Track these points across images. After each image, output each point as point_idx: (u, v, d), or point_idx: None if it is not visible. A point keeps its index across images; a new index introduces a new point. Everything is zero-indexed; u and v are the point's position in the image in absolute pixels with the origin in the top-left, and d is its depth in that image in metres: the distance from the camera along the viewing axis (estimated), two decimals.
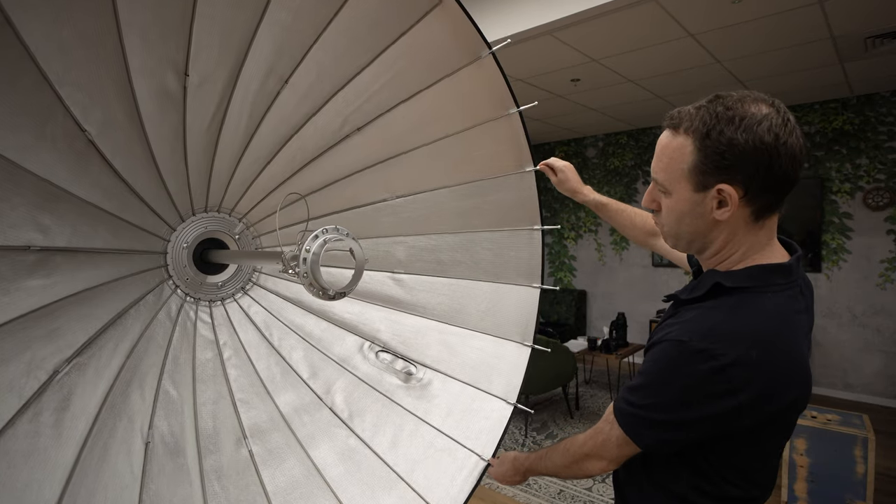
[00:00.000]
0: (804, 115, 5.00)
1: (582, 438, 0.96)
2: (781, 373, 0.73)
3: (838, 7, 2.98)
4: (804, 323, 0.81)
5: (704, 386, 0.73)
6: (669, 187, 0.81)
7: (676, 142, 0.78)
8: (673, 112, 0.81)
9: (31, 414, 0.85)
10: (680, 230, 0.83)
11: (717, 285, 0.79)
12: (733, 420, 0.74)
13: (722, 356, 0.71)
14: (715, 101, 0.76)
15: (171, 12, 0.92)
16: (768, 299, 0.76)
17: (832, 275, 4.89)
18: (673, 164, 0.79)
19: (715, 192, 0.76)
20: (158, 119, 1.00)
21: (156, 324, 1.11)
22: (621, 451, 0.87)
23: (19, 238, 0.85)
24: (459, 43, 1.24)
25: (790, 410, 0.77)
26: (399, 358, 1.43)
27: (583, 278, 6.78)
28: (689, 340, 0.74)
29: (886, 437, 3.81)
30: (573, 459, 0.96)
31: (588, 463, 0.93)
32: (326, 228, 0.92)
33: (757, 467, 0.82)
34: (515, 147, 1.41)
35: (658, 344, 0.80)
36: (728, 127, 0.73)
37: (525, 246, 1.50)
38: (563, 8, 3.09)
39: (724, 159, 0.73)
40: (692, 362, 0.73)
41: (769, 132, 0.72)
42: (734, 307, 0.76)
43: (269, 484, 1.14)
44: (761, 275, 0.78)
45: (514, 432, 4.04)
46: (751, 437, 0.77)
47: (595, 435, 0.92)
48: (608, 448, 0.88)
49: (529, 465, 1.13)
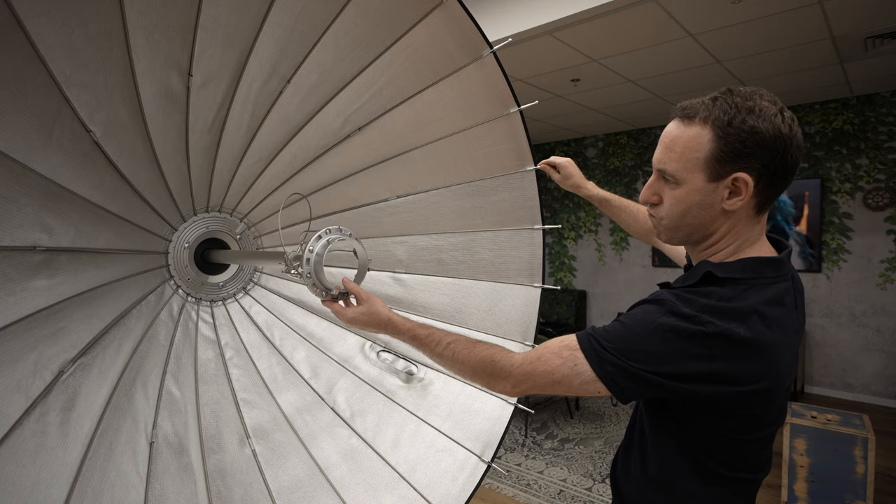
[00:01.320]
0: (804, 115, 5.01)
1: (519, 359, 0.89)
2: (756, 360, 0.75)
3: (838, 7, 2.98)
4: (790, 318, 0.81)
5: (686, 344, 0.74)
6: (681, 177, 0.81)
7: (692, 131, 0.79)
8: (684, 103, 0.82)
9: (37, 414, 0.86)
10: (684, 221, 0.84)
11: (709, 274, 0.80)
12: (697, 383, 0.74)
13: (710, 325, 0.74)
14: (729, 94, 0.78)
15: (176, 14, 0.93)
16: (758, 292, 0.78)
17: (832, 275, 4.89)
18: (688, 152, 0.80)
19: (730, 181, 0.78)
20: (162, 119, 1.01)
21: (158, 324, 1.11)
22: (557, 387, 0.83)
23: (26, 238, 0.86)
24: (460, 43, 1.25)
25: (757, 398, 0.77)
26: (400, 358, 1.44)
27: (583, 278, 6.78)
28: (681, 305, 0.76)
29: (886, 437, 3.82)
30: (487, 369, 0.90)
31: (504, 380, 0.88)
32: (330, 229, 0.92)
33: (739, 452, 0.83)
34: (516, 146, 1.41)
35: (648, 301, 0.80)
36: (749, 116, 0.75)
37: (526, 246, 1.51)
38: (563, 8, 3.10)
39: (745, 146, 0.76)
40: (681, 321, 0.75)
41: (784, 123, 0.75)
42: (725, 297, 0.78)
43: (273, 483, 1.14)
44: (753, 267, 0.80)
45: (514, 432, 4.05)
46: (721, 421, 0.79)
47: (535, 360, 0.85)
48: (545, 378, 0.83)
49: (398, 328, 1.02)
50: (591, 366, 0.80)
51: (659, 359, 0.76)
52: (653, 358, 0.76)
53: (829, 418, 2.75)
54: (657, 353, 0.76)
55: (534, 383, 0.86)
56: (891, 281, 4.61)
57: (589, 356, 0.80)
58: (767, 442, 0.87)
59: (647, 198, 0.88)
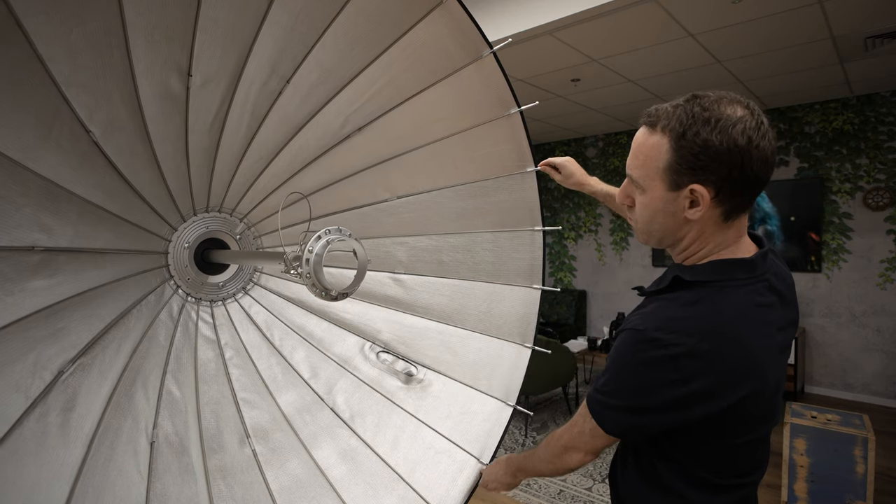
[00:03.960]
0: (804, 115, 5.01)
1: (559, 431, 0.97)
2: (733, 367, 0.74)
3: (838, 7, 2.98)
4: (772, 316, 0.81)
5: (656, 373, 0.75)
6: (644, 184, 0.82)
7: (653, 140, 0.79)
8: (650, 109, 0.81)
9: (37, 414, 0.86)
10: (651, 227, 0.85)
11: (677, 279, 0.81)
12: (684, 409, 0.76)
13: (673, 346, 0.73)
14: (692, 101, 0.76)
15: (175, 14, 0.93)
16: (726, 294, 0.78)
17: (832, 275, 4.89)
18: (649, 161, 0.80)
19: (688, 191, 0.77)
20: (161, 119, 1.01)
21: (158, 324, 1.11)
22: (595, 442, 0.89)
23: (24, 239, 0.86)
24: (460, 42, 1.24)
25: (745, 404, 0.77)
26: (400, 359, 1.43)
27: (583, 278, 6.78)
28: (644, 329, 0.77)
29: (886, 437, 3.82)
30: (554, 453, 0.98)
31: (567, 455, 0.95)
32: (329, 229, 0.92)
33: (733, 457, 0.83)
34: (516, 147, 1.41)
35: (621, 333, 0.83)
36: (704, 128, 0.73)
37: (526, 247, 1.50)
38: (563, 8, 3.10)
39: (698, 160, 0.74)
40: (646, 350, 0.76)
41: (743, 135, 0.72)
42: (691, 301, 0.78)
43: (273, 483, 1.14)
44: (723, 269, 0.80)
45: (514, 432, 4.05)
46: (713, 428, 0.78)
47: (571, 427, 0.93)
48: (583, 439, 0.90)
49: (519, 465, 1.14)
50: (592, 415, 0.86)
51: (637, 393, 0.79)
52: (633, 393, 0.79)
53: (829, 418, 2.75)
54: (634, 388, 0.79)
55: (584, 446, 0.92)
56: (891, 281, 4.61)
57: (592, 408, 0.87)
58: (761, 442, 0.86)
59: (622, 200, 0.89)
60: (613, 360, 0.83)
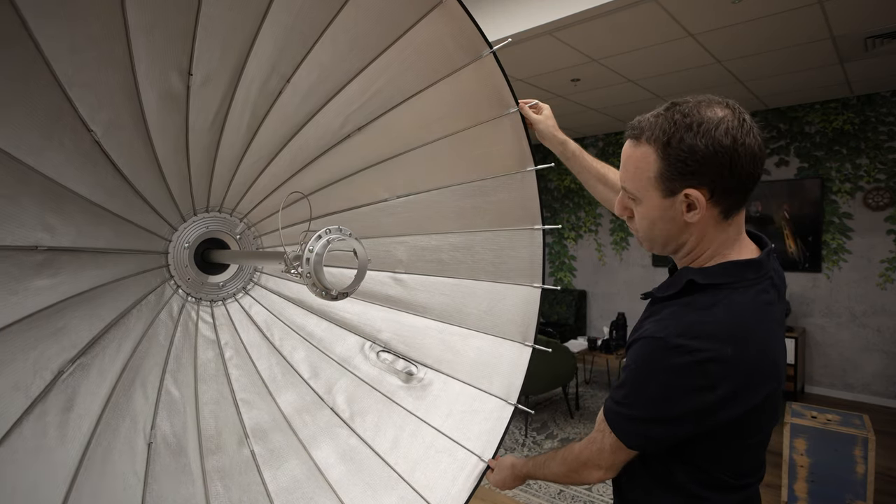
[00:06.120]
0: (804, 115, 5.01)
1: (578, 448, 0.96)
2: (755, 369, 0.75)
3: (838, 7, 2.98)
4: (777, 314, 0.83)
5: (681, 380, 0.75)
6: (639, 195, 0.83)
7: (640, 151, 0.81)
8: (633, 122, 0.83)
9: (37, 413, 0.86)
10: (653, 235, 0.85)
11: (691, 282, 0.81)
12: (710, 415, 0.75)
13: (698, 352, 0.73)
14: (672, 109, 0.78)
15: (176, 14, 0.93)
16: (741, 295, 0.78)
17: (832, 275, 4.89)
18: (639, 172, 0.81)
19: (682, 196, 0.78)
20: (162, 119, 1.01)
21: (158, 324, 1.11)
22: (616, 457, 0.88)
23: (27, 238, 0.86)
24: (460, 42, 1.24)
25: (766, 403, 0.78)
26: (400, 358, 1.43)
27: (583, 278, 6.78)
28: (664, 336, 0.76)
29: (886, 437, 3.82)
30: (571, 468, 0.97)
31: (586, 472, 0.94)
32: (329, 229, 0.92)
33: (745, 458, 0.84)
34: (516, 146, 1.41)
35: (637, 342, 0.82)
36: (687, 134, 0.74)
37: (526, 246, 1.50)
38: (563, 8, 3.10)
39: (686, 165, 0.75)
40: (669, 357, 0.75)
41: (727, 135, 0.73)
42: (709, 304, 0.78)
43: (272, 484, 1.14)
44: (734, 271, 0.80)
45: (514, 432, 4.05)
46: (734, 430, 0.79)
47: (590, 444, 0.92)
48: (603, 456, 0.89)
49: (528, 472, 1.14)
50: (612, 430, 0.85)
51: (662, 402, 0.78)
52: (657, 403, 0.78)
53: (830, 418, 2.75)
54: (658, 397, 0.78)
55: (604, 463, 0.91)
56: (891, 281, 4.61)
57: (612, 422, 0.86)
58: (765, 441, 0.87)
59: (620, 213, 0.90)
60: (633, 370, 0.81)
